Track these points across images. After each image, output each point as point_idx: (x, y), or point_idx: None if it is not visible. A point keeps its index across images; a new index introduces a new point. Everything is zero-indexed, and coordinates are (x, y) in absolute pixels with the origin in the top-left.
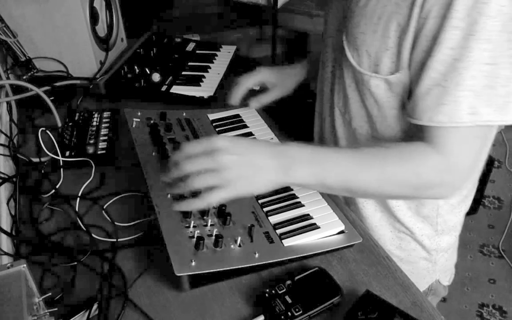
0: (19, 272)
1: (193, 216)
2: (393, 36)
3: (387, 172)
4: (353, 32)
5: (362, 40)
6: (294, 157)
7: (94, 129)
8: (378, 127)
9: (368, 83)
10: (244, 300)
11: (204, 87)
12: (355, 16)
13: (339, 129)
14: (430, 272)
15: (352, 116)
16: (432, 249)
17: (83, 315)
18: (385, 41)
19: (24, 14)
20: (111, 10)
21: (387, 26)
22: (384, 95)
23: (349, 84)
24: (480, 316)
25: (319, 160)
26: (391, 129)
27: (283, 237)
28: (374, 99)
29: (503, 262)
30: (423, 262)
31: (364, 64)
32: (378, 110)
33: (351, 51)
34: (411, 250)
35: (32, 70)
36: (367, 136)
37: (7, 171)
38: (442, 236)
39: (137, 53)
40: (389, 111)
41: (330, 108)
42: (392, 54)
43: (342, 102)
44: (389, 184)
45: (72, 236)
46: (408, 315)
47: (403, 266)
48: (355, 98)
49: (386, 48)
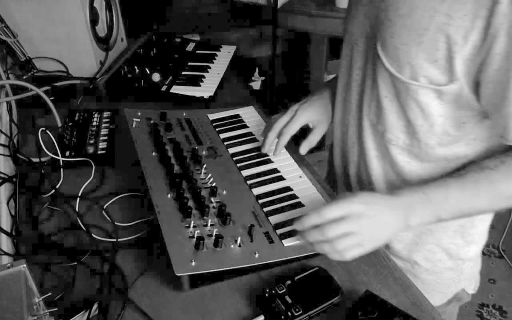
0: (19, 272)
1: (193, 216)
2: (442, 48)
3: (498, 191)
4: (392, 42)
5: (405, 51)
6: (410, 206)
7: (94, 129)
8: (422, 136)
9: (416, 93)
10: (244, 300)
11: (204, 87)
12: (394, 25)
13: (367, 140)
14: (456, 282)
15: (387, 127)
16: (459, 258)
17: (83, 315)
18: (433, 53)
19: (24, 14)
20: (111, 10)
21: (435, 37)
22: (432, 104)
23: (385, 95)
24: (480, 316)
25: (431, 201)
26: (436, 136)
27: (283, 237)
28: (420, 108)
29: (503, 262)
30: (449, 272)
31: (406, 75)
32: (424, 119)
33: (389, 61)
34: (436, 261)
35: (32, 70)
36: (403, 146)
37: (7, 171)
38: (471, 245)
39: (137, 53)
40: (436, 119)
41: (358, 119)
42: (441, 66)
43: (374, 113)
44: (501, 201)
45: (72, 236)
46: (408, 315)
47: (427, 277)
48: (392, 109)
49: (434, 60)
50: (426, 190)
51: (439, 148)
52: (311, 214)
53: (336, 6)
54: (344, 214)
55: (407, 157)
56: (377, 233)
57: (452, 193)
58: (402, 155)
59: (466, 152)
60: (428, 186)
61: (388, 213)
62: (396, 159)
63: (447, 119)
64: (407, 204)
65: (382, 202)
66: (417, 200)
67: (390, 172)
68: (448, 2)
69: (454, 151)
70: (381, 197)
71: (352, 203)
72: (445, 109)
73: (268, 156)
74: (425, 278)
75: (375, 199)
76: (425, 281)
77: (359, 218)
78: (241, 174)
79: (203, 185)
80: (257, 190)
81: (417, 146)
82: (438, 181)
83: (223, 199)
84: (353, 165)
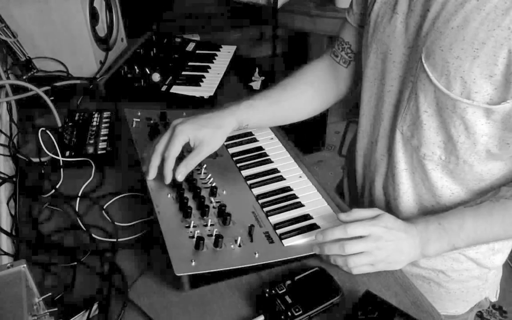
0: (19, 272)
1: (193, 216)
2: (502, 64)
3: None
4: (442, 55)
5: (457, 65)
6: (426, 235)
7: (94, 129)
8: (461, 153)
9: (465, 111)
10: (244, 300)
11: (204, 87)
12: (445, 38)
13: (398, 153)
14: (480, 290)
15: (423, 142)
16: (486, 267)
17: (83, 315)
18: (490, 68)
19: (24, 14)
20: (111, 10)
21: (494, 52)
22: (479, 122)
23: (425, 109)
24: (480, 316)
25: (446, 231)
26: (476, 154)
27: (283, 237)
28: (465, 126)
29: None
30: (475, 280)
31: (456, 90)
32: (467, 137)
33: (437, 76)
34: (463, 270)
35: (32, 70)
36: (438, 162)
37: (7, 171)
38: (498, 254)
39: (137, 53)
40: (480, 137)
41: (390, 131)
42: (496, 81)
43: (409, 126)
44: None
45: (72, 236)
46: (408, 315)
47: (453, 286)
48: (432, 124)
49: (490, 75)
50: (441, 221)
51: (478, 166)
52: (336, 229)
53: (336, 6)
54: (365, 233)
55: (440, 173)
56: (391, 258)
57: (467, 223)
58: (435, 171)
59: (502, 170)
60: (443, 217)
61: (406, 240)
62: (430, 174)
63: (491, 138)
64: (423, 234)
65: (402, 228)
66: (432, 230)
67: (421, 186)
68: (511, 16)
69: (490, 167)
70: (402, 223)
71: (374, 226)
72: (491, 129)
73: (268, 156)
74: (450, 287)
75: (397, 225)
76: (450, 290)
77: (377, 240)
78: (241, 174)
79: (203, 185)
80: (257, 190)
81: (454, 163)
82: (453, 211)
83: (223, 199)
84: (380, 177)
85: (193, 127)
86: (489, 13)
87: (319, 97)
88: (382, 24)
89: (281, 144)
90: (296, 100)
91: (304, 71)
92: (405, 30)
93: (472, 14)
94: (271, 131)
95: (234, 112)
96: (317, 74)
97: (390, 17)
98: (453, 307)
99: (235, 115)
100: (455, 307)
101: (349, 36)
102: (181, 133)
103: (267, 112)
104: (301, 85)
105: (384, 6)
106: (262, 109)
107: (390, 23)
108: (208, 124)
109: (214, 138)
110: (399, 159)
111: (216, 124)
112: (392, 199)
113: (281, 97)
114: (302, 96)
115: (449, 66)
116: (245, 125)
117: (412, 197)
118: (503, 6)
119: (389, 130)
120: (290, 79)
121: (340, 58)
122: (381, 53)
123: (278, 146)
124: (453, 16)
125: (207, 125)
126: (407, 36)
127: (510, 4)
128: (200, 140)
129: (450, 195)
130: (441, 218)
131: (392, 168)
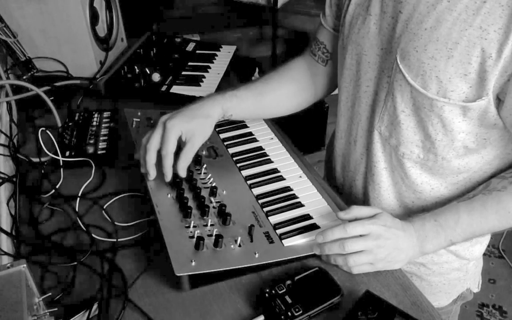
0: (19, 272)
1: (193, 216)
2: (475, 62)
3: (507, 210)
4: (417, 56)
5: (432, 65)
6: (423, 233)
7: (94, 129)
8: (439, 151)
9: (441, 109)
10: (244, 300)
11: (204, 87)
12: (419, 39)
13: (377, 153)
14: (461, 281)
15: (402, 141)
16: (465, 258)
17: (83, 315)
18: (464, 67)
19: (24, 14)
20: (111, 10)
21: (468, 51)
22: (456, 120)
23: (403, 109)
24: (480, 316)
25: (443, 227)
26: (454, 151)
27: (283, 237)
28: (442, 124)
29: (503, 262)
30: (455, 272)
31: (432, 90)
32: (445, 135)
33: (412, 76)
34: (443, 262)
35: (32, 70)
36: (416, 160)
37: (7, 171)
38: (476, 245)
39: (137, 53)
40: (457, 135)
41: (368, 131)
42: (471, 80)
43: (387, 126)
44: (511, 219)
45: (72, 236)
46: (408, 315)
47: (434, 278)
48: (410, 123)
49: (465, 74)
50: (437, 217)
51: (455, 161)
52: (335, 229)
53: None
54: (365, 232)
55: (419, 170)
56: (391, 256)
57: (462, 217)
58: (414, 169)
59: (479, 163)
60: (438, 213)
61: (404, 239)
62: (409, 172)
63: (468, 135)
64: (420, 232)
65: (400, 227)
66: (429, 228)
67: (401, 184)
68: (482, 15)
69: (467, 161)
70: (400, 222)
71: (373, 224)
72: (468, 126)
73: (268, 156)
74: (432, 280)
75: (395, 223)
76: (432, 282)
77: (377, 238)
78: (241, 174)
79: (203, 185)
80: (257, 190)
81: (433, 160)
82: (448, 207)
83: (223, 199)
84: (361, 176)
85: (183, 120)
86: (461, 14)
87: (301, 94)
88: (357, 25)
89: (281, 144)
90: (279, 93)
91: (288, 66)
92: (378, 32)
93: (444, 15)
94: (271, 131)
95: (219, 101)
96: (300, 71)
97: (364, 19)
98: (436, 300)
99: (220, 103)
100: (438, 300)
101: (324, 37)
102: (173, 127)
103: (250, 103)
104: (285, 79)
105: (358, 8)
106: (246, 99)
107: (364, 25)
108: (197, 115)
109: (205, 127)
110: (378, 158)
111: (204, 114)
112: (372, 198)
113: (265, 90)
114: (285, 90)
115: (424, 66)
116: (229, 114)
117: (392, 195)
118: (473, 6)
119: (367, 130)
120: (274, 73)
121: (318, 57)
122: (356, 55)
123: (278, 146)
124: (426, 18)
125: (195, 116)
126: (381, 37)
127: (480, 4)
128: (192, 132)
129: (430, 191)
130: (437, 215)
131: (371, 168)
